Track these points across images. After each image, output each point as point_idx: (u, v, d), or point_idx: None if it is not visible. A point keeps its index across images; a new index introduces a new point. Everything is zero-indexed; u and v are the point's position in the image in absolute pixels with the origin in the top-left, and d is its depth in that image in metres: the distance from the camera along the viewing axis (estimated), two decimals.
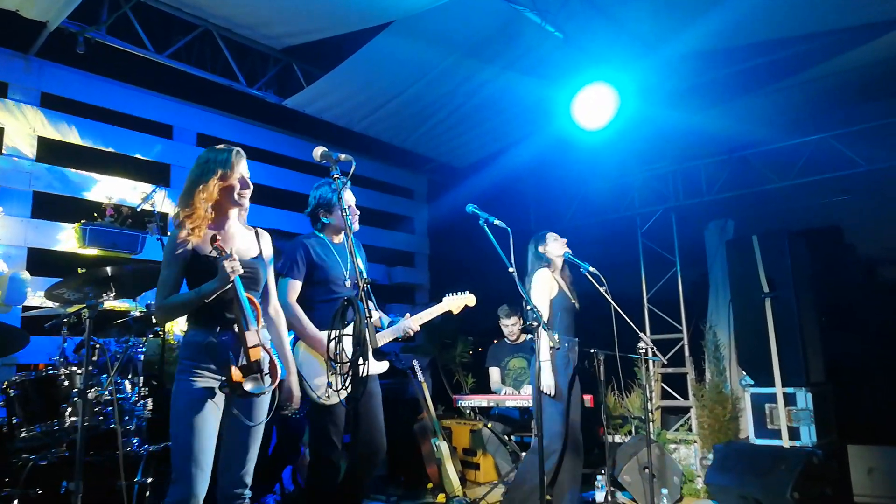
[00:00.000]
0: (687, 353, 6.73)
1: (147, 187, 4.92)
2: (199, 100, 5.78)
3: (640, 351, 3.96)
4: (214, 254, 2.40)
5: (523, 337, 5.24)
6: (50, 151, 4.89)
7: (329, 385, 2.99)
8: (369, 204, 6.79)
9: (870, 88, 5.67)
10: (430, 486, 5.15)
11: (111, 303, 3.29)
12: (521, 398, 4.84)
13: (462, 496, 4.83)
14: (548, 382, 3.75)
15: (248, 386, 2.38)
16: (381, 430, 3.24)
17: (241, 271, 2.40)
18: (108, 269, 2.96)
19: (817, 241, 5.77)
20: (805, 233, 5.41)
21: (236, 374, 2.37)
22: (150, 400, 3.40)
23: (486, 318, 5.50)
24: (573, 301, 3.98)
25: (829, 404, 4.86)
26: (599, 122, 5.05)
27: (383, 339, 3.16)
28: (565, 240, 4.02)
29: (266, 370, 2.44)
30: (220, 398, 2.43)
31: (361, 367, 2.17)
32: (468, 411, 5.22)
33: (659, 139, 6.28)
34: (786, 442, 4.60)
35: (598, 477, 4.92)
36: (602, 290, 3.86)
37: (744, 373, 5.00)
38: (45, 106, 4.90)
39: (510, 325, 5.22)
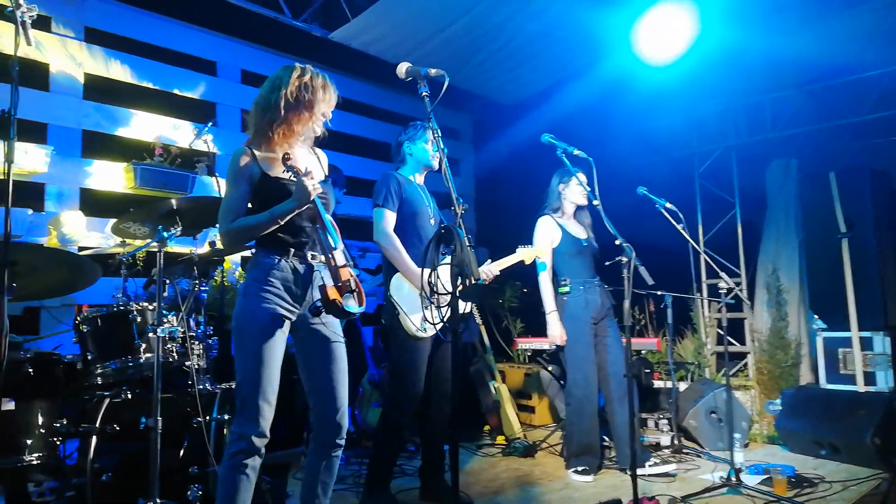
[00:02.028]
0: (745, 297, 6.51)
1: (190, 127, 4.77)
2: (243, 35, 5.56)
3: (721, 292, 3.77)
4: (288, 174, 2.21)
5: None
6: (95, 89, 4.74)
7: (424, 319, 3.00)
8: (383, 137, 6.54)
9: None
10: (486, 428, 5.10)
11: (172, 246, 3.18)
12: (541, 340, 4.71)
13: (523, 438, 4.76)
14: (552, 333, 3.83)
15: (348, 303, 2.19)
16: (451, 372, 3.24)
17: (321, 190, 2.22)
18: (174, 201, 2.84)
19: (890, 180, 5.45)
20: (882, 171, 5.09)
21: (333, 292, 2.16)
22: (216, 339, 3.34)
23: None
24: (586, 243, 3.90)
25: None
26: (667, 54, 4.72)
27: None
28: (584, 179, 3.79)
29: (356, 290, 2.25)
30: (287, 327, 2.26)
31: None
32: (527, 354, 5.10)
33: (723, 71, 5.90)
34: (861, 387, 4.43)
35: (661, 422, 4.82)
36: (679, 227, 3.66)
37: (816, 317, 4.78)
38: (89, 41, 4.73)
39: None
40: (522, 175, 3.09)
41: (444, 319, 2.04)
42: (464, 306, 3.22)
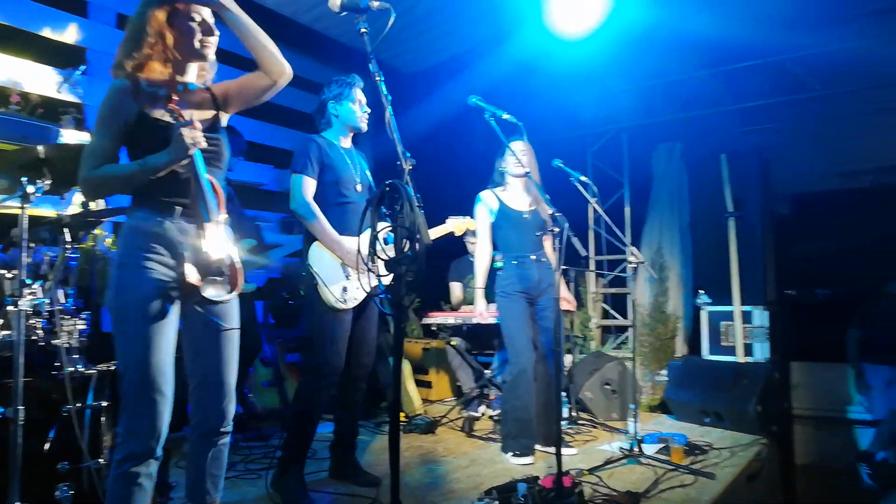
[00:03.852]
0: (630, 273, 6.79)
1: (55, 74, 4.13)
2: None
3: (632, 266, 3.82)
4: (168, 118, 1.88)
5: None
6: None
7: (345, 290, 2.80)
8: (311, 108, 6.14)
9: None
10: (384, 405, 4.94)
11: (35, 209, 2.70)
12: (486, 315, 4.65)
13: (424, 414, 4.65)
14: (476, 309, 3.86)
15: (207, 292, 1.92)
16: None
17: (204, 145, 1.88)
18: (41, 148, 2.38)
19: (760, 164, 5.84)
20: (767, 156, 5.43)
21: (192, 273, 1.88)
22: (88, 314, 2.89)
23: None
24: (527, 216, 3.77)
25: (780, 322, 5.01)
26: (577, 28, 4.69)
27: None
28: (526, 156, 3.68)
29: (227, 273, 1.97)
30: (177, 301, 1.94)
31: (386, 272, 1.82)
32: (431, 329, 4.97)
33: (620, 53, 6.02)
34: (741, 358, 4.72)
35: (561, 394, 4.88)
36: (593, 200, 3.64)
37: (702, 292, 5.03)
38: None
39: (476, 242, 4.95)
40: (428, 146, 2.92)
41: (384, 290, 1.81)
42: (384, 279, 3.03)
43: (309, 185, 2.90)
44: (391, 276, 1.73)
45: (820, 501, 4.83)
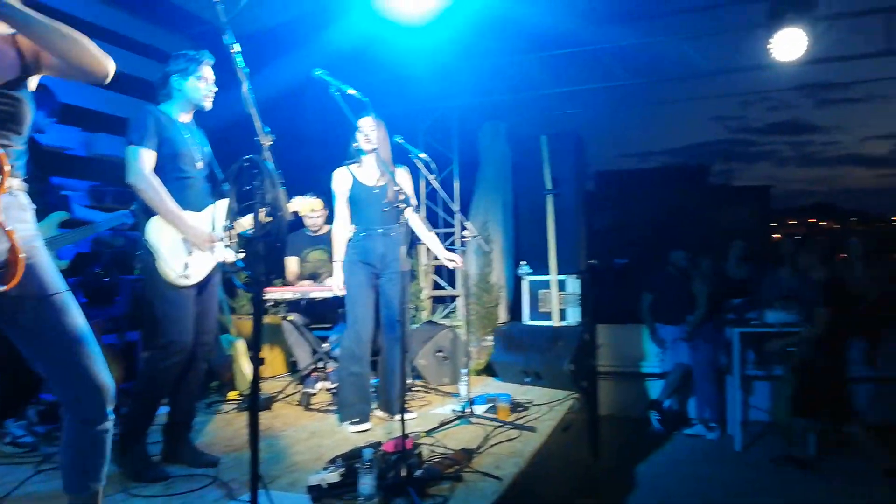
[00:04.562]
0: (459, 245, 7.12)
1: None
2: None
3: (466, 240, 4.03)
4: None
5: (325, 229, 4.98)
6: None
7: (187, 265, 2.66)
8: (131, 70, 5.60)
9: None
10: (214, 384, 4.76)
11: None
12: (324, 289, 4.65)
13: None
14: (334, 283, 3.86)
15: None
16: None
17: None
18: None
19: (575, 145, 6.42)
20: (582, 137, 5.94)
21: None
22: None
23: None
24: (376, 190, 3.84)
25: (589, 289, 5.59)
26: (417, 12, 4.75)
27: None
28: (374, 132, 3.75)
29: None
30: None
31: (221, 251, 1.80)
32: (271, 304, 4.85)
33: (451, 35, 6.21)
34: (556, 322, 5.21)
35: None
36: (431, 177, 3.79)
37: (524, 263, 5.45)
38: None
39: (313, 217, 4.90)
40: (267, 118, 2.83)
41: (242, 266, 1.79)
42: (224, 255, 2.93)
43: (147, 158, 2.74)
44: (241, 252, 1.71)
45: (619, 445, 5.53)
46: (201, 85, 2.88)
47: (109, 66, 1.82)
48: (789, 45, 5.53)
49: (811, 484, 4.79)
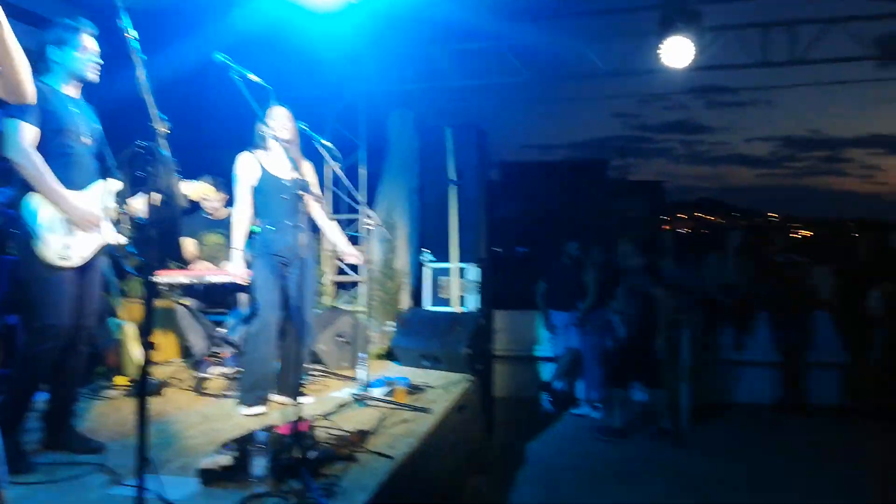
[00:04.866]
0: (363, 233, 7.16)
1: None
2: None
3: (369, 228, 4.08)
4: None
5: (224, 213, 4.87)
6: None
7: (67, 246, 2.56)
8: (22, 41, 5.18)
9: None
10: (101, 369, 4.58)
11: None
12: (222, 273, 4.57)
13: (149, 376, 4.43)
14: (234, 270, 3.82)
15: None
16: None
17: None
18: None
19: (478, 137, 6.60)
20: (484, 130, 6.10)
21: None
22: None
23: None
24: (288, 183, 3.81)
25: (488, 277, 5.80)
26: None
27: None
28: (291, 123, 3.74)
29: None
30: None
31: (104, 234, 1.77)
32: (165, 287, 4.69)
33: (362, 23, 6.18)
34: (456, 308, 5.38)
35: None
36: (335, 165, 3.81)
37: (427, 251, 5.57)
38: None
39: (210, 201, 4.77)
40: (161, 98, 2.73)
41: (132, 251, 1.77)
42: (112, 236, 2.84)
43: (28, 132, 2.58)
44: (130, 236, 1.70)
45: (512, 424, 5.80)
46: (81, 56, 2.72)
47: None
48: (678, 52, 5.92)
49: (682, 456, 5.24)
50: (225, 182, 4.72)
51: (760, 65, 6.65)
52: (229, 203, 4.80)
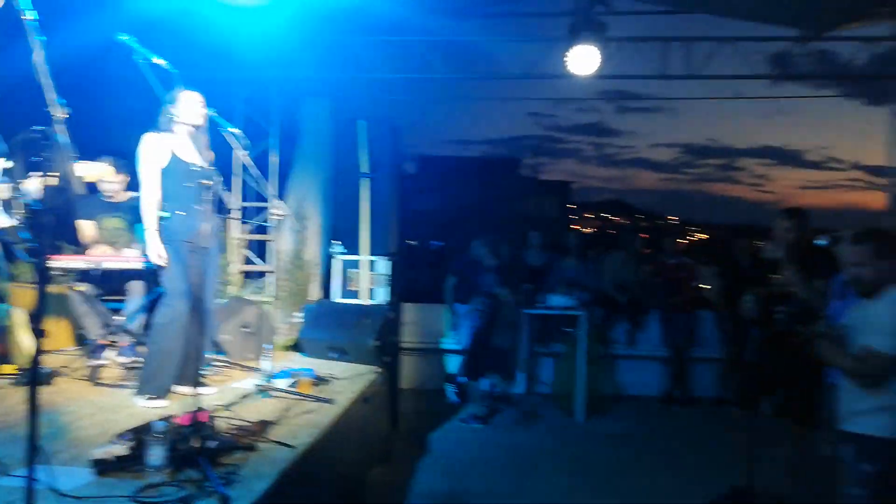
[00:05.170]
0: (272, 220, 7.05)
1: None
2: None
3: (276, 218, 4.06)
4: None
5: (124, 195, 4.68)
6: None
7: None
8: None
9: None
10: None
11: None
12: (120, 259, 4.41)
13: (39, 365, 4.22)
14: (149, 252, 3.69)
15: None
16: None
17: None
18: None
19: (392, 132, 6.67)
20: (398, 124, 6.18)
21: None
22: None
23: None
24: (196, 168, 3.77)
25: (398, 270, 5.88)
26: None
27: None
28: (204, 110, 3.68)
29: None
30: None
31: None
32: (59, 273, 4.46)
33: (277, 4, 6.08)
34: (365, 301, 5.43)
35: None
36: (242, 153, 3.76)
37: (338, 242, 5.58)
38: None
39: (110, 183, 4.58)
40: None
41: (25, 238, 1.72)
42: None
43: None
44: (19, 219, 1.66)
45: (417, 415, 5.92)
46: None
47: None
48: (584, 59, 6.21)
49: (579, 445, 5.54)
50: (126, 163, 4.56)
51: (660, 77, 7.08)
52: (130, 186, 4.65)
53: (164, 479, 2.42)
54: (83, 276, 4.44)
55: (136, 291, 4.51)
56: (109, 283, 4.57)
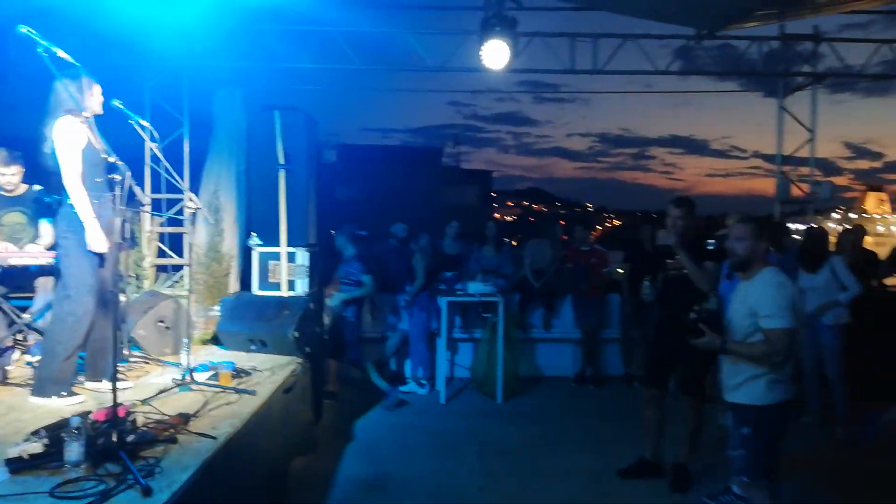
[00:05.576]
0: (187, 213, 6.88)
1: None
2: None
3: (190, 211, 4.00)
4: None
5: (22, 188, 4.48)
6: None
7: None
8: None
9: None
10: None
11: None
12: (26, 255, 4.24)
13: None
14: (92, 242, 3.47)
15: None
16: None
17: None
18: None
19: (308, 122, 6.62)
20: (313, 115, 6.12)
21: None
22: None
23: None
24: (104, 155, 3.66)
25: (317, 261, 5.89)
26: None
27: None
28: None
29: None
30: None
31: None
32: None
33: None
34: (284, 292, 5.43)
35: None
36: (153, 145, 3.72)
37: (255, 234, 5.52)
38: None
39: (7, 175, 4.37)
40: None
41: None
42: None
43: None
44: None
45: (341, 404, 5.99)
46: None
47: None
48: (496, 54, 6.39)
49: (497, 425, 5.78)
50: (21, 155, 4.37)
51: (568, 72, 7.39)
52: (26, 178, 4.46)
53: (82, 474, 2.42)
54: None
55: (44, 288, 4.35)
56: (14, 281, 4.39)
